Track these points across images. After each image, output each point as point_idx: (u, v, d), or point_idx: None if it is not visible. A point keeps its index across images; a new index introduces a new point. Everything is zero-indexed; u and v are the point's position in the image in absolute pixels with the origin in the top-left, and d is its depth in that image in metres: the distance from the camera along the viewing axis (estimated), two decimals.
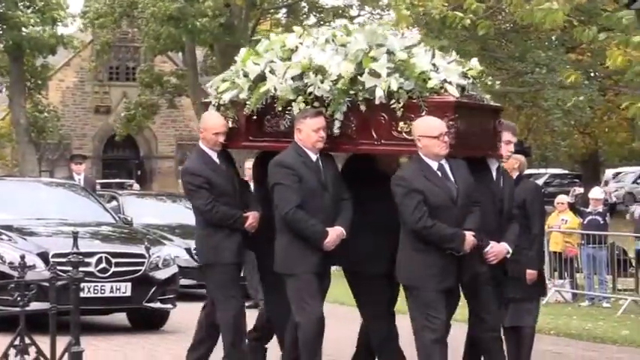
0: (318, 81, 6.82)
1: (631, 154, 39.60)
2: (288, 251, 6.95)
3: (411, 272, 6.55)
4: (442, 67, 6.76)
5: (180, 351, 9.34)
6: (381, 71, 6.66)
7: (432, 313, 6.46)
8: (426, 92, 6.61)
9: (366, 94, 6.70)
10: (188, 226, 15.42)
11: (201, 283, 14.26)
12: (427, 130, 6.47)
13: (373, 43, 6.86)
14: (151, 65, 35.70)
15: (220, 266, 7.45)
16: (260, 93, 7.02)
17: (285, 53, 7.13)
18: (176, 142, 43.54)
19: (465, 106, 6.75)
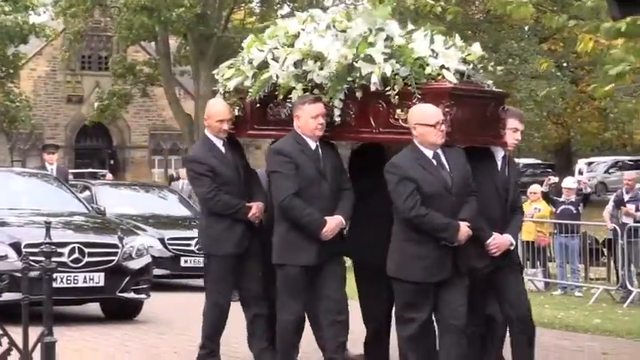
0: (316, 68, 6.69)
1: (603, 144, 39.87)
2: (283, 242, 6.88)
3: (401, 263, 6.35)
4: (441, 53, 6.57)
5: (154, 341, 9.34)
6: (376, 57, 6.50)
7: (412, 309, 6.31)
8: (423, 78, 6.43)
9: (362, 81, 6.55)
10: (161, 216, 15.47)
11: (174, 273, 14.35)
12: (423, 118, 6.27)
13: (374, 27, 6.68)
14: (123, 55, 35.54)
15: (218, 258, 7.33)
16: (262, 80, 6.90)
17: (288, 40, 6.99)
18: (149, 131, 43.39)
19: (463, 93, 6.55)
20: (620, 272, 14.16)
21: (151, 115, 42.94)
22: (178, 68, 33.14)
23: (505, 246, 6.69)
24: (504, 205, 6.77)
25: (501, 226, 6.72)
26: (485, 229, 6.61)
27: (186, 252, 14.32)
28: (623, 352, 9.25)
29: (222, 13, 29.76)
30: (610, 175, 38.22)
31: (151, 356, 8.51)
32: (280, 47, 6.95)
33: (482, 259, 6.64)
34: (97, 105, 34.79)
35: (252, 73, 7.02)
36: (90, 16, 34.54)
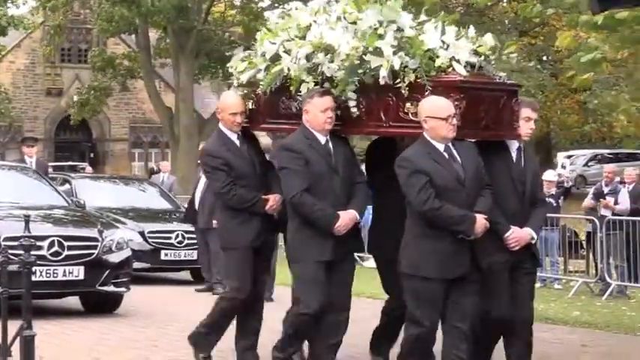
0: (327, 60, 6.56)
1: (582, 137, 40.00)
2: (295, 239, 6.79)
3: (414, 259, 6.15)
4: (451, 45, 6.38)
5: (134, 334, 9.32)
6: (385, 49, 6.33)
7: (427, 307, 6.13)
8: (432, 71, 6.27)
9: (372, 74, 6.39)
10: (141, 209, 15.43)
11: (154, 266, 14.32)
12: (434, 111, 6.09)
13: (385, 19, 6.50)
14: (103, 48, 35.38)
15: (233, 251, 7.21)
16: (273, 73, 6.79)
17: (300, 32, 6.86)
18: (129, 124, 43.21)
19: (474, 86, 6.37)
20: (599, 265, 14.23)
21: (131, 108, 42.77)
22: (158, 61, 33.01)
23: (525, 240, 6.53)
24: (522, 197, 6.61)
25: (520, 219, 6.55)
26: (503, 223, 6.46)
27: (167, 245, 14.29)
28: (602, 344, 9.30)
29: (202, 6, 29.66)
30: (589, 168, 38.34)
31: (131, 349, 8.49)
32: (293, 39, 6.81)
33: (502, 254, 6.48)
34: (77, 99, 34.60)
35: (264, 66, 6.91)
36: (69, 9, 34.32)
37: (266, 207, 7.10)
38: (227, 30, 31.08)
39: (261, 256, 7.28)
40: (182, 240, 14.29)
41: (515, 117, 6.60)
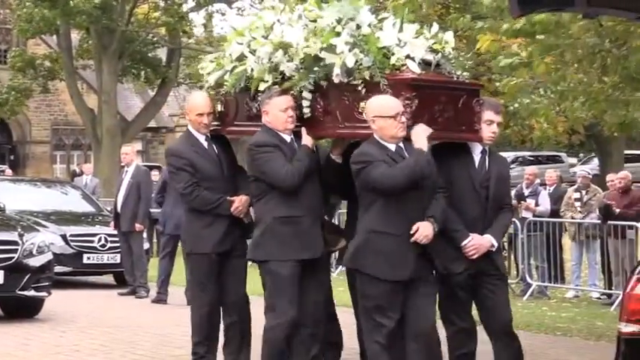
0: (285, 59, 6.42)
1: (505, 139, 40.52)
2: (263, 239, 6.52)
3: (363, 257, 5.95)
4: (408, 42, 6.18)
5: (55, 339, 9.18)
6: (339, 47, 6.15)
7: (382, 310, 5.93)
8: (387, 69, 6.07)
9: (327, 72, 6.21)
10: (63, 212, 15.23)
11: (76, 270, 14.14)
12: (381, 110, 5.91)
13: (345, 16, 6.31)
14: (23, 49, 34.79)
15: (198, 257, 7.03)
16: (237, 73, 6.65)
17: (266, 31, 6.71)
18: (51, 126, 42.56)
19: (428, 84, 6.15)
20: (520, 266, 14.42)
21: (53, 110, 42.13)
22: (81, 62, 32.56)
23: (484, 247, 6.23)
24: (484, 203, 6.30)
25: (481, 225, 6.26)
26: (461, 230, 6.21)
27: (89, 249, 14.12)
28: (523, 343, 9.36)
29: (125, 7, 29.37)
30: (511, 171, 38.89)
31: (52, 355, 8.37)
32: (258, 38, 6.66)
33: (460, 263, 6.22)
34: None
35: (231, 67, 6.78)
36: None
37: (231, 209, 6.92)
38: (151, 31, 30.80)
39: (231, 263, 7.05)
40: (105, 243, 14.13)
41: (476, 118, 6.33)
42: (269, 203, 6.47)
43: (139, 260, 13.19)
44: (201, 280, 7.04)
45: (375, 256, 5.94)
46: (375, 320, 5.96)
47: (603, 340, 9.65)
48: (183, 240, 7.33)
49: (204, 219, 6.97)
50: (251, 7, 30.53)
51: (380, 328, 5.94)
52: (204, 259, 6.98)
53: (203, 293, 7.02)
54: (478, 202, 6.30)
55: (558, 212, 14.27)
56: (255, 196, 6.60)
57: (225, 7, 31.00)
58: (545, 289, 14.00)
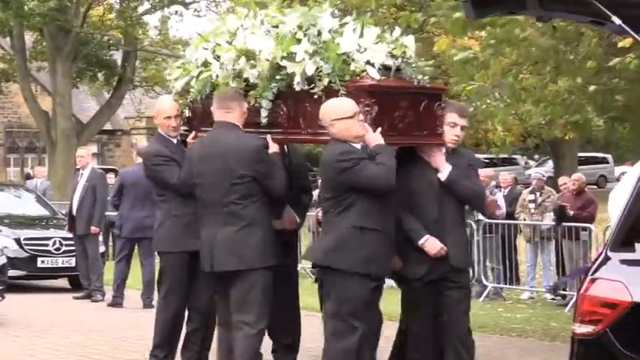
0: (248, 66, 6.38)
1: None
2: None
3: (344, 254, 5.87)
4: (368, 48, 6.12)
5: (9, 344, 9.09)
6: (299, 54, 6.11)
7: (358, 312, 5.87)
8: (347, 75, 6.01)
9: (289, 80, 6.17)
10: (17, 215, 15.07)
11: (31, 273, 13.99)
12: (339, 112, 5.87)
13: (306, 23, 6.26)
14: None
15: (172, 255, 6.96)
16: (202, 80, 6.61)
17: (231, 37, 6.66)
18: (4, 129, 42.12)
19: (388, 90, 6.10)
20: (476, 268, 14.51)
21: (6, 112, 41.69)
22: (35, 64, 32.26)
23: (435, 249, 6.20)
24: (445, 204, 6.30)
25: (443, 227, 6.27)
26: (416, 229, 6.23)
27: (43, 252, 13.99)
28: (479, 344, 9.41)
29: (80, 8, 29.15)
30: None
31: (5, 359, 8.29)
32: (223, 44, 6.62)
33: (419, 267, 6.26)
34: None
35: (197, 73, 6.74)
36: None
37: None
38: (105, 33, 30.60)
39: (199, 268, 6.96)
40: (59, 247, 14.01)
41: (439, 122, 6.29)
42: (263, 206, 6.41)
43: (94, 263, 13.10)
44: (172, 282, 6.98)
45: (358, 253, 5.87)
46: (347, 322, 5.85)
47: (558, 341, 9.74)
48: (157, 240, 7.17)
49: (183, 218, 6.91)
50: (207, 9, 30.47)
51: (353, 331, 5.85)
52: (179, 258, 6.94)
53: (172, 296, 6.98)
54: (438, 204, 6.30)
55: (513, 214, 14.38)
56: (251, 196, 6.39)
57: (182, 9, 30.88)
58: (500, 291, 14.09)
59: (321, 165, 6.07)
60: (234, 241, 6.30)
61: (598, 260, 3.96)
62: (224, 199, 6.32)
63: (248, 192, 6.32)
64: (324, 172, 6.07)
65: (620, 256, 3.86)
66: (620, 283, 3.76)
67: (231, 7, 28.84)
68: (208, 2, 30.53)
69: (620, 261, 3.86)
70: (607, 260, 3.90)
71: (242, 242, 6.28)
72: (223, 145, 6.35)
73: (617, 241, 3.88)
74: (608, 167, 44.26)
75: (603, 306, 3.79)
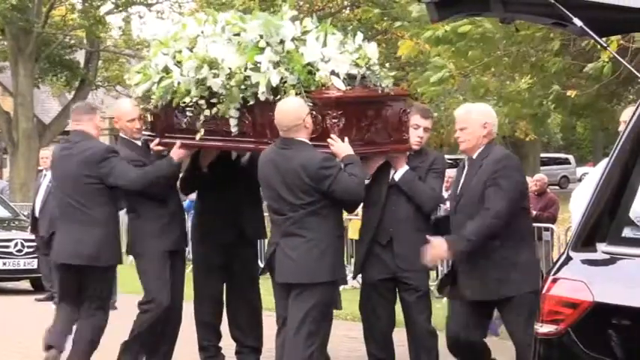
0: (211, 75, 6.31)
1: None
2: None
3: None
4: (332, 58, 6.12)
5: None
6: (264, 65, 6.10)
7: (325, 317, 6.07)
8: (313, 86, 6.02)
9: (254, 89, 6.15)
10: None
11: None
12: (303, 109, 5.92)
13: (269, 32, 6.24)
14: None
15: (153, 256, 6.93)
16: (163, 86, 6.56)
17: (190, 43, 6.61)
18: None
19: (354, 100, 6.12)
20: (440, 268, 14.54)
21: None
22: None
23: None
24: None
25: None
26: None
27: (5, 254, 13.90)
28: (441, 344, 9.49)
29: (42, 8, 28.94)
30: None
31: None
32: (184, 50, 6.56)
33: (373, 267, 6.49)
34: None
35: (158, 79, 6.69)
36: None
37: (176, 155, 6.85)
38: (68, 34, 30.40)
39: (176, 265, 7.11)
40: (21, 248, 13.92)
41: (404, 128, 6.37)
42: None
43: None
44: (156, 282, 6.91)
45: (337, 261, 6.08)
46: (318, 326, 5.98)
47: None
48: (133, 242, 7.07)
49: (160, 221, 6.93)
50: (171, 10, 30.37)
51: (321, 334, 6.02)
52: (161, 257, 6.92)
53: (159, 296, 6.91)
54: (390, 204, 6.43)
55: None
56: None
57: (145, 9, 30.76)
58: None
59: (294, 169, 5.91)
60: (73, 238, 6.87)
61: (560, 260, 4.00)
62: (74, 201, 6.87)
63: (96, 193, 6.83)
64: (296, 177, 5.91)
65: (581, 256, 3.89)
66: (582, 283, 3.79)
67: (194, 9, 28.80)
68: (171, 3, 30.45)
69: (582, 261, 3.89)
70: (568, 260, 3.93)
71: (80, 239, 6.84)
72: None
73: (578, 241, 3.91)
74: (570, 168, 44.61)
75: (565, 306, 3.82)
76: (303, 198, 5.88)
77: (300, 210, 5.90)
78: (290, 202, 5.91)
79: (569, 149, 48.86)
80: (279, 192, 5.95)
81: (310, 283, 5.91)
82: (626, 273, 3.79)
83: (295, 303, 5.95)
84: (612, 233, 3.86)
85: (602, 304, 3.74)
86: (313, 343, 5.93)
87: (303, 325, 5.90)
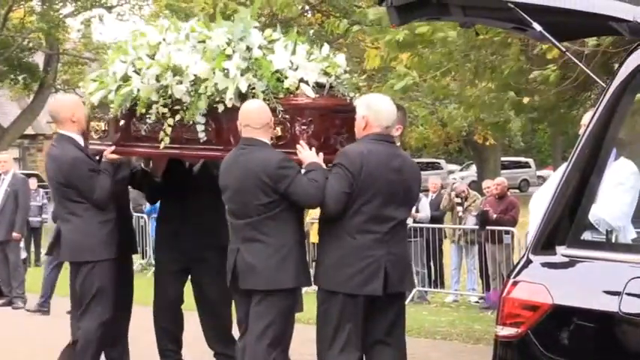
0: (175, 82, 6.26)
1: None
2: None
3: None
4: (301, 65, 6.14)
5: None
6: (232, 71, 6.09)
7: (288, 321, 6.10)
8: (281, 93, 6.03)
9: (221, 96, 6.11)
10: None
11: None
12: (268, 112, 5.96)
13: (235, 38, 6.23)
14: None
15: (103, 263, 6.75)
16: (122, 94, 6.46)
17: (151, 50, 6.54)
18: None
19: (323, 108, 6.12)
20: None
21: None
22: None
23: None
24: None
25: None
26: None
27: None
28: None
29: (0, 11, 28.71)
30: None
31: None
32: (144, 58, 6.50)
33: None
34: None
35: (115, 87, 6.60)
36: None
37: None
38: (27, 36, 30.15)
39: (125, 270, 7.05)
40: None
41: None
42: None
43: (15, 270, 12.89)
44: (103, 292, 6.77)
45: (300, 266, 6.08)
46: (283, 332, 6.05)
47: (481, 344, 9.86)
48: (79, 249, 6.82)
49: (108, 226, 6.79)
50: (131, 12, 30.21)
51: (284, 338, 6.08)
52: (111, 265, 6.79)
53: (104, 307, 6.78)
54: None
55: (439, 218, 14.53)
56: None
57: (105, 12, 30.58)
58: (425, 294, 14.21)
59: (254, 169, 5.92)
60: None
61: (520, 263, 4.02)
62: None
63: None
64: (255, 176, 5.90)
65: (541, 259, 3.92)
66: (542, 286, 3.82)
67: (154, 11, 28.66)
68: (131, 6, 30.29)
69: (542, 264, 3.92)
70: (528, 263, 3.96)
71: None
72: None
73: (538, 244, 3.94)
74: (530, 171, 44.96)
75: (525, 308, 3.84)
76: (262, 199, 5.86)
77: (260, 213, 5.89)
78: (249, 203, 5.90)
79: (530, 152, 49.21)
80: (239, 192, 5.94)
81: (272, 290, 5.90)
82: (585, 276, 3.81)
83: (257, 309, 5.92)
84: (571, 236, 3.89)
85: (562, 306, 3.77)
86: (275, 350, 5.92)
87: (265, 332, 5.89)
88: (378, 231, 5.80)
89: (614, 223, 5.22)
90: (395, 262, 5.87)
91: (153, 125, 6.46)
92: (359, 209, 5.78)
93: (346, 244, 5.80)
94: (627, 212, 5.41)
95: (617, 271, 3.67)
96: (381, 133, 5.91)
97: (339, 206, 5.76)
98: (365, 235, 5.78)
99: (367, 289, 5.79)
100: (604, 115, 3.84)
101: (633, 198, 5.45)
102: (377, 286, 5.80)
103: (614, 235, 5.09)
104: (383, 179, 5.80)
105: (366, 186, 5.77)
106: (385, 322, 5.97)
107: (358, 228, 5.78)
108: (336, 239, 5.83)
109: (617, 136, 4.08)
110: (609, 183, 5.27)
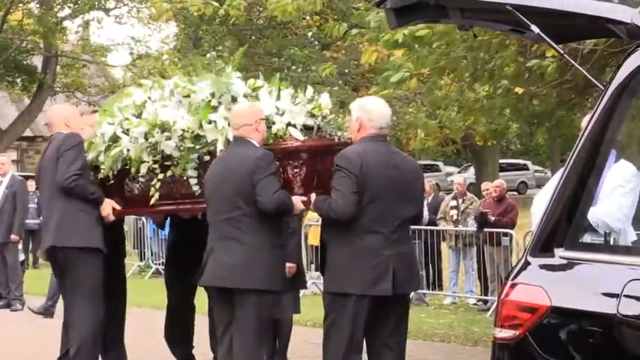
0: (164, 138, 6.31)
1: None
2: None
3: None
4: (287, 110, 6.25)
5: None
6: (219, 122, 6.20)
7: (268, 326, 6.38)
8: (270, 139, 6.14)
9: (210, 148, 6.21)
10: None
11: None
12: (259, 111, 6.11)
13: (219, 90, 6.35)
14: None
15: (91, 253, 6.69)
16: (113, 155, 6.49)
17: (137, 109, 6.60)
18: None
19: (313, 149, 6.23)
20: None
21: None
22: None
23: None
24: None
25: None
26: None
27: None
28: None
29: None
30: None
31: None
32: (131, 118, 6.54)
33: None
34: None
35: (104, 148, 6.62)
36: None
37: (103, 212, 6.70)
38: (25, 39, 30.12)
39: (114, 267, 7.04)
40: None
41: None
42: None
43: (13, 272, 12.90)
44: (93, 287, 6.71)
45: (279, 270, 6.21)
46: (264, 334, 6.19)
47: (479, 346, 9.86)
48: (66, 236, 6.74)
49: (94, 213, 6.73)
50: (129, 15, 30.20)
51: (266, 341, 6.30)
52: (97, 257, 6.73)
53: (95, 302, 6.72)
54: None
55: (435, 222, 14.54)
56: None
57: (103, 15, 30.56)
58: (423, 296, 14.22)
59: (237, 162, 5.96)
60: None
61: (518, 265, 4.02)
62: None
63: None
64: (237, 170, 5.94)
65: (539, 261, 3.92)
66: (540, 288, 3.82)
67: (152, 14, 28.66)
68: (129, 8, 30.28)
69: (540, 266, 3.92)
70: (527, 265, 3.96)
71: None
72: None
73: (536, 246, 3.94)
74: (528, 174, 44.96)
75: (523, 310, 3.84)
76: (240, 191, 5.90)
77: (238, 210, 5.91)
78: (227, 197, 5.93)
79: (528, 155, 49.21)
80: (220, 187, 5.97)
81: (243, 289, 5.91)
82: (583, 278, 3.81)
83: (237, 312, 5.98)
84: (570, 238, 3.88)
85: (560, 308, 3.77)
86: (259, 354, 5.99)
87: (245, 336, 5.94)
88: (385, 230, 5.80)
89: (613, 225, 5.22)
90: (403, 261, 5.88)
91: (145, 183, 6.47)
92: (364, 209, 5.78)
93: (355, 246, 5.79)
94: (627, 214, 5.41)
95: (615, 273, 3.67)
96: (377, 134, 5.93)
97: (351, 208, 5.74)
98: (373, 235, 5.78)
99: (378, 290, 5.78)
100: (602, 117, 3.85)
101: (633, 200, 5.45)
102: (387, 286, 5.80)
103: (612, 237, 5.10)
104: (383, 176, 5.81)
105: (369, 184, 5.78)
106: (390, 324, 5.98)
107: (366, 228, 5.78)
108: (344, 241, 5.82)
109: (616, 139, 4.08)
110: (609, 185, 5.28)
